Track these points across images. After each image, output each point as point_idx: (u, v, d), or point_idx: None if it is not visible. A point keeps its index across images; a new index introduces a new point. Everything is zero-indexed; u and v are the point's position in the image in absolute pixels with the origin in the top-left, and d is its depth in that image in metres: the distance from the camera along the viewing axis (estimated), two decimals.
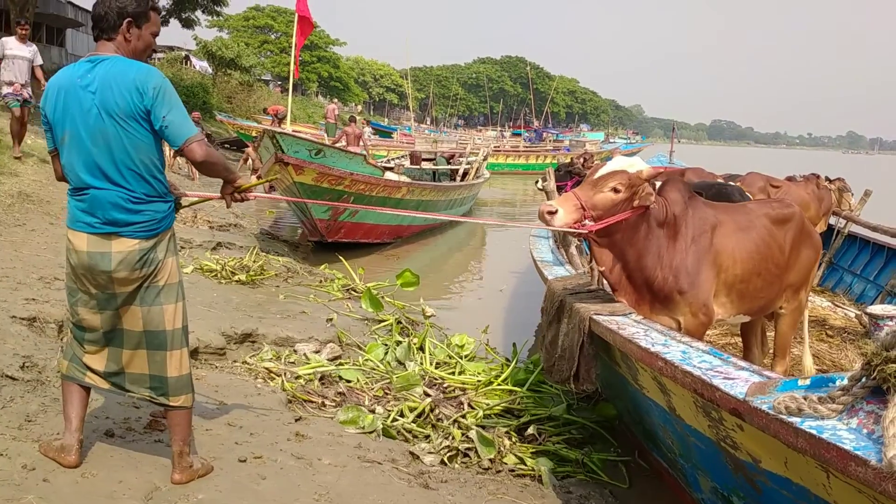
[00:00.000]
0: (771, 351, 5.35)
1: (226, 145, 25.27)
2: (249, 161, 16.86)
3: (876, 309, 1.91)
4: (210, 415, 4.01)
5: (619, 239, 3.86)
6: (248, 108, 36.63)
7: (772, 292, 4.48)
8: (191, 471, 3.19)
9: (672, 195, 4.09)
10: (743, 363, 2.67)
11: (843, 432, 1.87)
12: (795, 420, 1.97)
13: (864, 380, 1.90)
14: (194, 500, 3.06)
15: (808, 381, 2.13)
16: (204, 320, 5.59)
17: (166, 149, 3.97)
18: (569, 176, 9.98)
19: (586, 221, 3.67)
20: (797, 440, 1.96)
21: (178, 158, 16.38)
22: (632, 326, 3.45)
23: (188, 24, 33.82)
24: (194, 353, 5.04)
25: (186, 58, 42.79)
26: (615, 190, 3.71)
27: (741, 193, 6.09)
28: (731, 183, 6.88)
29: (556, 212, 3.61)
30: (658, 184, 4.07)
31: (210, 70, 38.53)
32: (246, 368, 5.14)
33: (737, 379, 2.42)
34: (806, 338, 5.67)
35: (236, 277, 7.43)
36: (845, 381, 1.97)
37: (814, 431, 1.90)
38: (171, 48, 46.07)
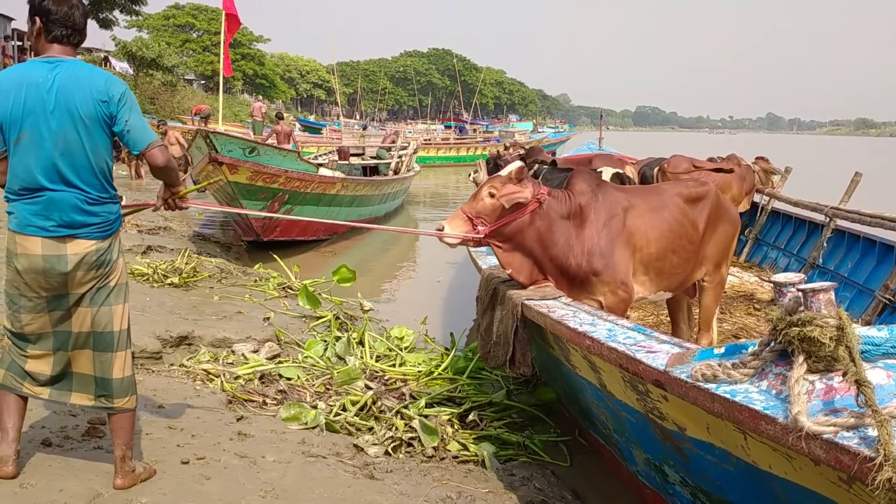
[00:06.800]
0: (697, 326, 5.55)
1: None
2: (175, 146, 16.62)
3: (779, 277, 2.06)
4: (150, 419, 3.99)
5: (521, 240, 4.10)
6: (173, 109, 35.78)
7: (688, 267, 4.70)
8: (133, 475, 3.18)
9: (578, 186, 4.31)
10: (665, 337, 2.82)
11: (754, 394, 2.01)
12: (711, 386, 2.11)
13: (771, 344, 2.05)
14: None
15: (722, 349, 2.28)
16: (138, 325, 5.48)
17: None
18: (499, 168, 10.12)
19: (479, 227, 3.99)
20: (714, 405, 2.10)
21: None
22: (561, 309, 3.59)
23: (106, 24, 32.87)
24: None
25: (106, 59, 41.41)
26: (490, 195, 4.02)
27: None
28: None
29: (442, 229, 4.00)
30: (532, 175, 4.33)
31: (131, 71, 37.49)
32: (184, 371, 5.10)
33: (658, 352, 2.56)
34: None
35: (169, 280, 7.33)
36: (756, 347, 2.12)
37: (728, 395, 2.03)
38: (90, 50, 44.51)
